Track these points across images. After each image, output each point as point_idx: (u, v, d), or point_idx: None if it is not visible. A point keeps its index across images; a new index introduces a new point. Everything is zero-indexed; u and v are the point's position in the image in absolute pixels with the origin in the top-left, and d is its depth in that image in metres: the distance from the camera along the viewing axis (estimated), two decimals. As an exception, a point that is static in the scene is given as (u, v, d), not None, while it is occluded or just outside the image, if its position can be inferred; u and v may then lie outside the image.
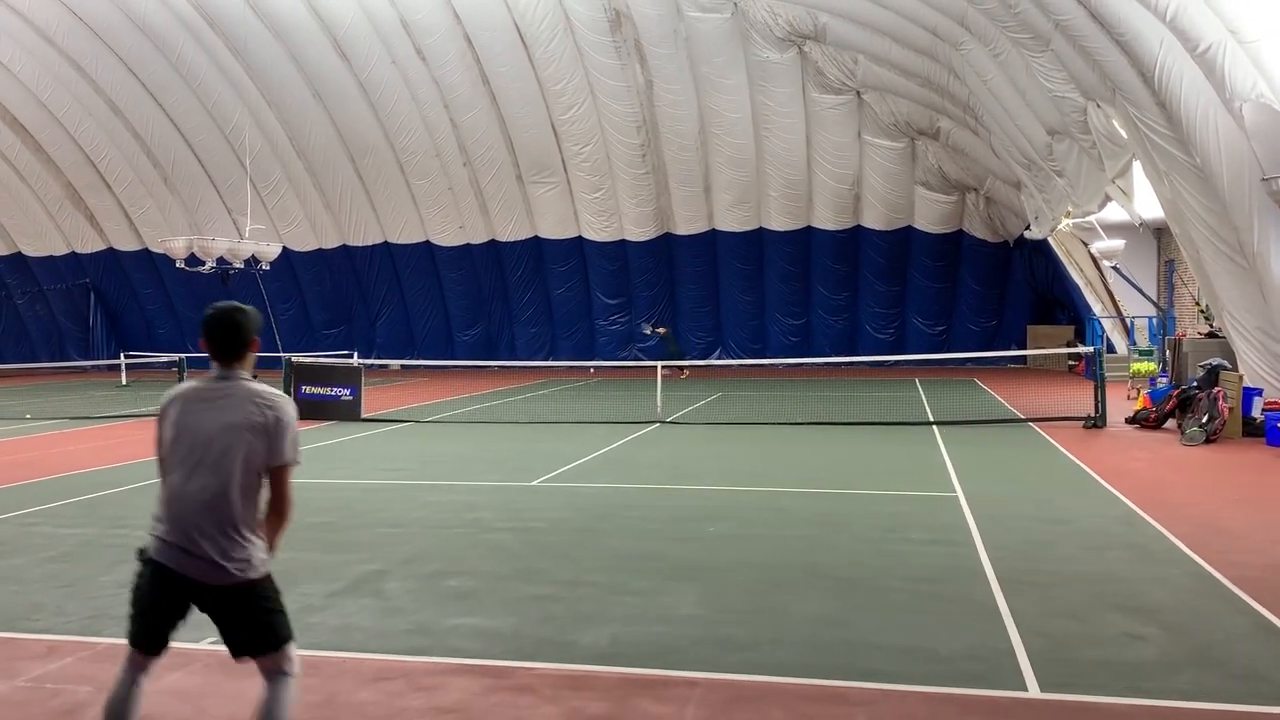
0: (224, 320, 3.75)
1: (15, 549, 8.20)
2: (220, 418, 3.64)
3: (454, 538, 8.50)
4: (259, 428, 3.64)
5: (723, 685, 5.01)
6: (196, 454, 3.63)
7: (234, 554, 3.63)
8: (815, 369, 31.65)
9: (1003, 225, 31.88)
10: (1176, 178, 14.70)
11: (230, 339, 3.74)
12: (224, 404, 3.66)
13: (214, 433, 3.62)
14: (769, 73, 28.40)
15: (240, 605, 3.70)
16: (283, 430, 3.69)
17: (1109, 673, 5.10)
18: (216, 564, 3.61)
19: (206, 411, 3.66)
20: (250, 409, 3.65)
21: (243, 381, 3.73)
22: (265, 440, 3.65)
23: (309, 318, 36.81)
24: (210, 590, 3.65)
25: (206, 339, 3.76)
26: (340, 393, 18.64)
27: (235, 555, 3.63)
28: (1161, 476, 11.38)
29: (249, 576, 3.67)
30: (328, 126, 32.02)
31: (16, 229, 37.61)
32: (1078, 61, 15.91)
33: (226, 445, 3.61)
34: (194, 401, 3.71)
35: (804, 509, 9.61)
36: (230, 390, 3.70)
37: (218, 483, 3.60)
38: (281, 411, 3.70)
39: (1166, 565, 7.28)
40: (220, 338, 3.74)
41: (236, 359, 3.76)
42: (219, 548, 3.60)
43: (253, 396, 3.68)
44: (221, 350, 3.75)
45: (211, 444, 3.62)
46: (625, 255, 33.58)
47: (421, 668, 5.30)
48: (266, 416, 3.66)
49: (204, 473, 3.61)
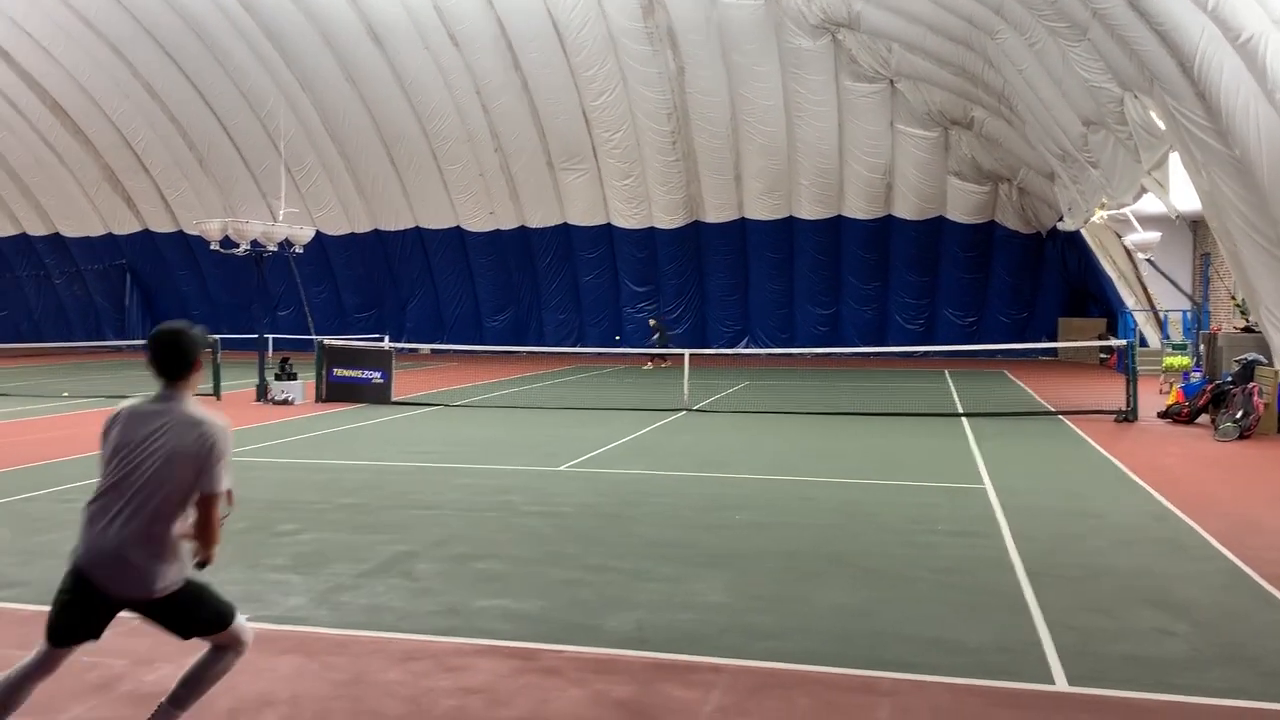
0: (167, 341, 3.77)
1: (54, 524, 8.35)
2: (155, 441, 3.66)
3: (483, 521, 8.57)
4: (190, 455, 3.65)
5: (749, 672, 5.03)
6: (128, 474, 3.66)
7: (156, 573, 3.69)
8: (843, 359, 31.52)
9: (1035, 216, 31.57)
10: (1215, 170, 14.49)
11: (173, 359, 3.77)
12: (161, 427, 3.68)
13: (147, 455, 3.64)
14: (802, 60, 28.22)
15: (168, 610, 3.80)
16: (215, 459, 3.70)
17: (1138, 668, 5.08)
18: (139, 581, 3.68)
19: (143, 433, 3.69)
20: (186, 435, 3.67)
21: (182, 405, 3.75)
22: (195, 467, 3.67)
23: (341, 301, 37.09)
24: (135, 602, 3.75)
25: (151, 358, 3.77)
26: (371, 376, 18.79)
27: (157, 574, 3.69)
28: (1194, 472, 11.27)
29: (169, 592, 3.75)
30: (361, 111, 32.19)
31: (56, 210, 38.13)
32: (1115, 51, 15.69)
33: (156, 469, 3.64)
34: (133, 421, 3.74)
35: (831, 498, 9.61)
36: (169, 412, 3.72)
37: (145, 505, 3.64)
38: (216, 440, 3.71)
39: (1198, 561, 7.22)
40: (163, 358, 3.76)
41: (180, 379, 3.79)
42: (142, 567, 3.66)
43: (190, 422, 3.69)
44: (164, 370, 3.77)
45: (142, 466, 3.64)
46: (654, 243, 33.54)
47: (450, 648, 5.35)
48: (201, 444, 3.67)
49: (133, 494, 3.64)
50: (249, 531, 8.08)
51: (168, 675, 4.90)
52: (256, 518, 8.56)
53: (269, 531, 8.08)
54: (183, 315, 37.68)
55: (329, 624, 5.76)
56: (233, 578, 6.72)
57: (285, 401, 18.22)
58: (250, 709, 4.55)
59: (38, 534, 8.01)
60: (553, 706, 4.60)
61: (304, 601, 6.19)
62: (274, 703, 4.62)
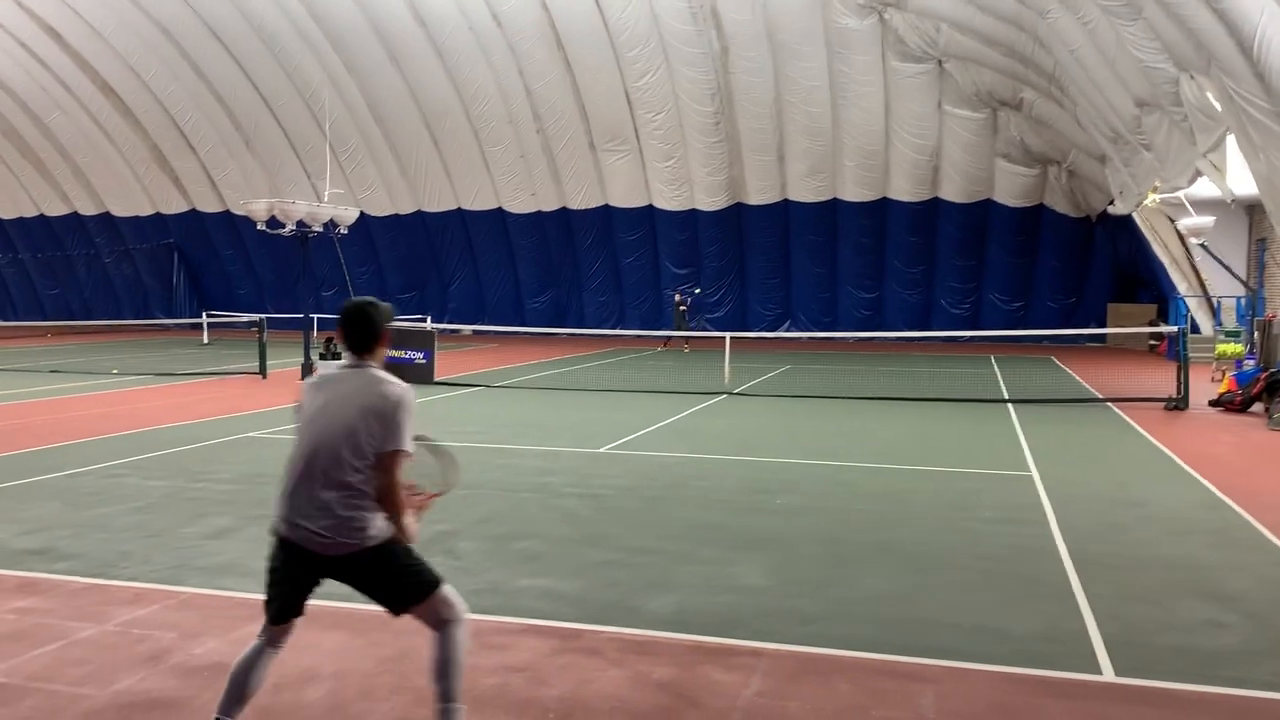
0: (357, 314, 3.93)
1: (105, 499, 8.51)
2: (345, 401, 3.78)
3: (524, 501, 8.61)
4: (377, 413, 3.75)
5: (789, 656, 5.01)
6: (320, 434, 3.77)
7: (350, 525, 3.74)
8: (887, 344, 31.25)
9: (1085, 200, 31.01)
10: (1273, 152, 14.13)
11: (362, 332, 3.92)
12: (350, 388, 3.81)
13: (338, 414, 3.77)
14: (848, 40, 27.89)
15: (377, 570, 3.83)
16: (400, 417, 3.78)
17: (1186, 659, 4.99)
18: (334, 538, 3.73)
19: (335, 396, 3.82)
20: (373, 395, 3.78)
21: (371, 371, 3.88)
22: (381, 425, 3.75)
23: (384, 282, 37.37)
24: (334, 561, 3.77)
25: (341, 330, 3.94)
26: (414, 356, 18.93)
27: (352, 526, 3.74)
28: (1246, 461, 11.04)
29: (366, 545, 3.77)
30: (405, 93, 32.33)
31: (106, 190, 38.77)
32: (1171, 30, 15.32)
33: (350, 429, 3.74)
34: (325, 385, 3.89)
35: (874, 484, 9.53)
36: (359, 377, 3.85)
37: (342, 464, 3.73)
38: (401, 399, 3.81)
39: (1250, 552, 7.08)
40: (353, 330, 3.92)
41: (367, 350, 3.92)
42: (335, 521, 3.72)
43: (377, 383, 3.82)
44: (353, 342, 3.93)
45: (333, 424, 3.76)
46: (695, 225, 33.40)
47: (491, 626, 5.39)
48: (386, 402, 3.77)
49: (330, 454, 3.74)
50: (294, 508, 8.18)
51: (215, 649, 4.99)
52: (301, 495, 8.65)
53: (313, 509, 8.17)
54: (228, 295, 38.36)
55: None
56: (278, 554, 6.82)
57: (329, 380, 18.41)
58: (295, 684, 4.61)
59: (88, 508, 8.16)
60: (593, 687, 4.61)
61: (348, 578, 6.25)
62: (318, 677, 4.68)
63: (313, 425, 3.81)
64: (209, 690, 4.50)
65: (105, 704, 4.38)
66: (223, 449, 11.14)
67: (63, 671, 4.73)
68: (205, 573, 6.37)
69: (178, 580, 6.19)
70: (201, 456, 10.66)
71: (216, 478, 9.46)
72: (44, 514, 7.95)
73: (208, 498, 8.59)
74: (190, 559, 6.67)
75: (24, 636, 5.18)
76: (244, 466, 10.06)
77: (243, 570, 6.41)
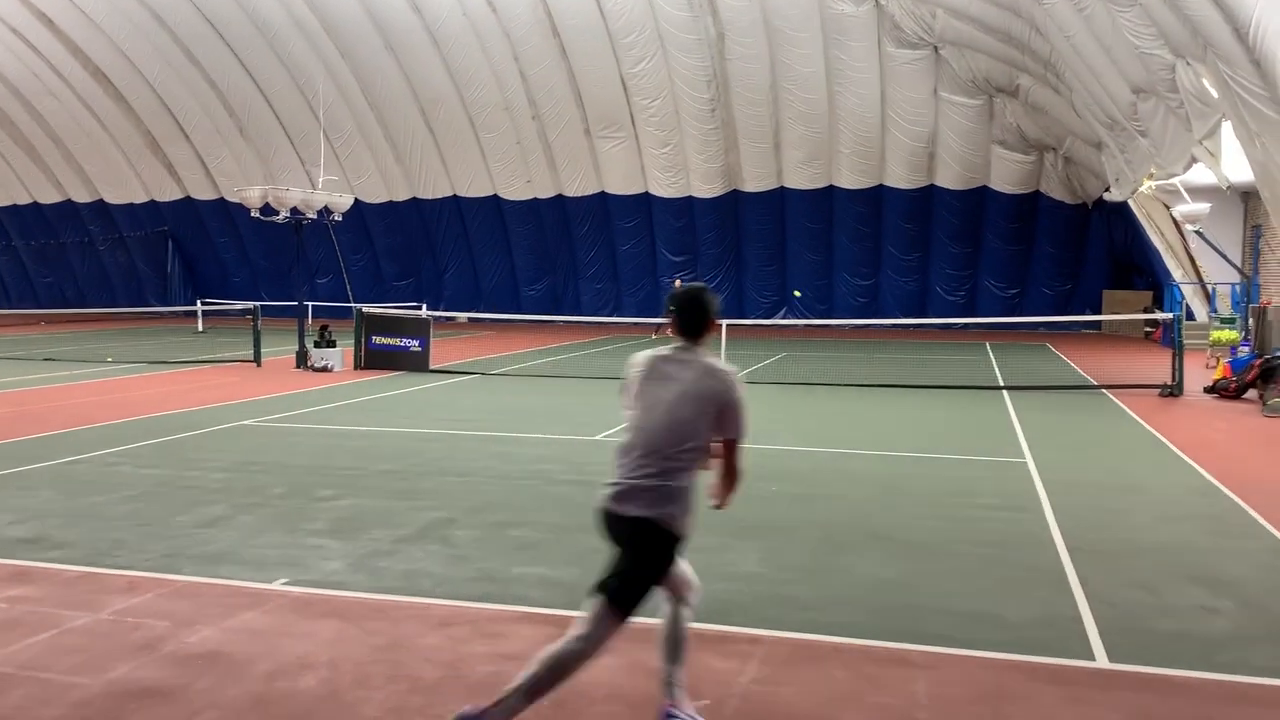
0: (692, 302, 4.00)
1: (99, 487, 8.49)
2: (676, 387, 3.86)
3: (519, 489, 8.60)
4: (709, 400, 3.83)
5: (785, 643, 5.01)
6: (650, 417, 3.87)
7: (662, 504, 3.82)
8: (883, 330, 31.24)
9: (1081, 187, 31.00)
10: (1269, 139, 14.12)
11: (696, 318, 3.98)
12: (682, 375, 3.88)
13: (667, 396, 3.85)
14: (844, 26, 27.80)
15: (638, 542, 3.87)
16: (735, 407, 3.87)
17: (1181, 645, 5.00)
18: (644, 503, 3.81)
19: (665, 379, 3.90)
20: (705, 382, 3.85)
21: (701, 357, 3.94)
22: (714, 413, 3.84)
23: (379, 269, 37.32)
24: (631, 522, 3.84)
25: (674, 316, 4.01)
26: (409, 344, 18.90)
27: (663, 506, 3.82)
28: (1241, 448, 11.06)
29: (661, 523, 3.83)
30: (400, 79, 32.20)
31: (99, 177, 38.62)
32: (1168, 16, 15.28)
33: (676, 412, 3.82)
34: (657, 366, 3.97)
35: (869, 471, 9.53)
36: (690, 362, 3.92)
37: (664, 444, 3.81)
38: (734, 388, 3.88)
39: (1244, 538, 7.09)
40: (687, 317, 3.99)
41: (699, 336, 3.99)
42: (651, 496, 3.81)
43: (709, 371, 3.89)
44: (687, 328, 3.98)
45: (659, 409, 3.84)
46: (692, 212, 33.35)
47: (486, 614, 5.38)
48: (720, 392, 3.84)
49: (654, 434, 3.84)
50: (287, 497, 8.17)
51: (209, 637, 4.98)
52: (295, 483, 8.64)
53: (308, 497, 8.16)
54: (223, 282, 38.24)
55: (367, 589, 5.81)
56: (271, 542, 6.80)
57: (324, 369, 18.38)
58: (289, 672, 4.60)
59: (82, 496, 8.14)
60: (588, 674, 4.60)
61: (342, 566, 6.25)
62: (313, 665, 4.67)
63: (644, 407, 3.90)
64: (203, 679, 4.49)
65: (98, 693, 4.36)
66: (217, 437, 11.11)
67: (56, 660, 4.71)
68: (199, 561, 6.35)
69: (171, 569, 6.17)
70: (195, 445, 10.64)
71: (210, 466, 9.44)
72: (37, 502, 7.93)
73: (202, 486, 8.57)
74: (184, 547, 6.66)
75: (16, 625, 5.17)
76: (238, 455, 10.04)
77: (237, 558, 6.40)
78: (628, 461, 3.87)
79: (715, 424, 3.85)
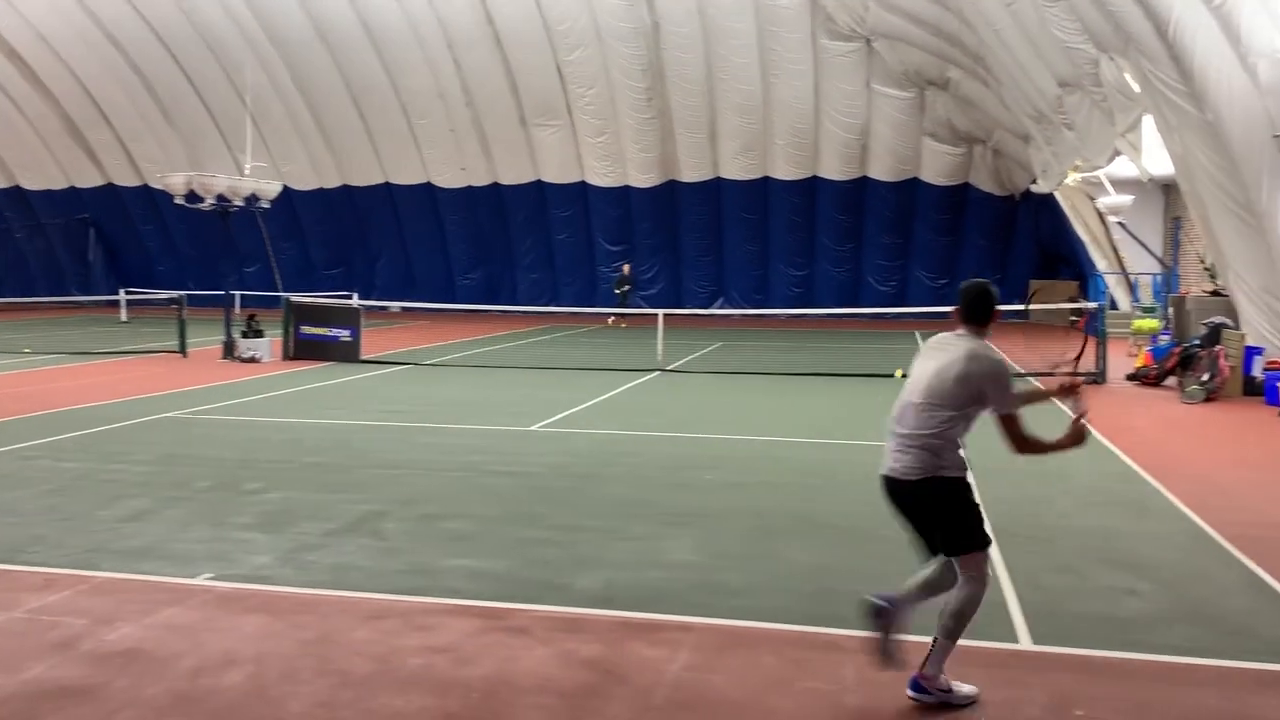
0: (979, 295, 4.44)
1: (15, 482, 8.22)
2: (938, 362, 4.34)
3: (452, 480, 8.52)
4: (976, 379, 4.27)
5: (716, 630, 5.03)
6: (922, 389, 4.35)
7: (915, 462, 4.30)
8: (817, 320, 31.55)
9: (1009, 179, 31.59)
10: (1187, 133, 14.51)
11: (980, 309, 4.43)
12: (957, 355, 4.31)
13: (927, 371, 4.36)
14: (778, 18, 27.93)
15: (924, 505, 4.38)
16: (1002, 385, 4.31)
17: (1102, 627, 5.13)
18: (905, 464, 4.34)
19: (941, 357, 4.37)
20: (974, 364, 4.27)
21: (976, 341, 4.37)
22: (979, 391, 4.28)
23: (309, 257, 36.62)
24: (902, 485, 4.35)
25: (962, 306, 4.43)
26: (339, 334, 18.60)
27: (916, 463, 4.30)
28: (1160, 434, 11.38)
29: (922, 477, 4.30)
30: (330, 65, 31.60)
31: (15, 162, 37.31)
32: (1092, 12, 15.62)
33: (943, 386, 4.29)
34: (935, 348, 4.48)
35: (802, 458, 9.63)
36: (966, 345, 4.34)
37: (915, 410, 4.33)
38: (1002, 368, 4.32)
39: (1163, 522, 7.30)
40: (973, 307, 4.42)
41: (978, 325, 4.42)
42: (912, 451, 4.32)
43: (979, 354, 4.31)
44: (972, 317, 4.43)
45: (932, 383, 4.32)
46: (629, 201, 33.29)
47: (418, 607, 5.32)
48: (986, 372, 4.27)
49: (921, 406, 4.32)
50: (214, 490, 7.99)
51: (129, 635, 4.85)
52: (222, 476, 8.47)
53: (235, 490, 8.00)
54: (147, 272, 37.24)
55: (295, 583, 5.71)
56: (197, 536, 6.65)
57: (252, 359, 18.02)
58: (215, 668, 4.50)
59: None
60: (520, 665, 4.59)
61: (270, 560, 6.13)
62: (239, 661, 4.57)
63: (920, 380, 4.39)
64: (122, 677, 4.37)
65: (13, 693, 4.23)
66: (141, 429, 10.83)
67: (-33, 661, 4.55)
68: (120, 556, 6.19)
69: (91, 565, 6.00)
70: (118, 437, 10.36)
71: (134, 459, 9.20)
72: (-51, 498, 7.65)
73: (125, 479, 8.35)
74: (105, 542, 6.48)
75: (-74, 625, 4.98)
76: (163, 447, 9.80)
77: (160, 553, 6.25)
78: (899, 429, 4.41)
79: (981, 401, 4.30)
